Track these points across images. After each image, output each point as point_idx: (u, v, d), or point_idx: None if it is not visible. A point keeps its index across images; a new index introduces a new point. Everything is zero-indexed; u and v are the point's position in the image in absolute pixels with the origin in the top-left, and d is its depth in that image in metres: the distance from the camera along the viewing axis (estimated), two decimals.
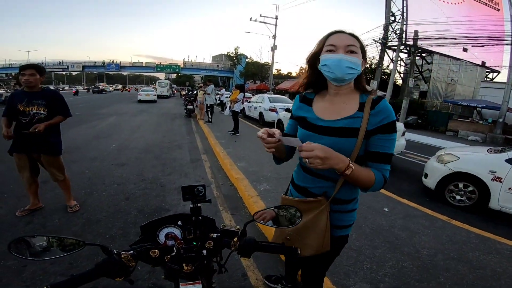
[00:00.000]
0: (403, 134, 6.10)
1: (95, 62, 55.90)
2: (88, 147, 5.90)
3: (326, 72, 1.11)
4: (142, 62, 56.38)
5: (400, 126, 6.14)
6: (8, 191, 3.44)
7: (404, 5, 16.15)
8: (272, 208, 0.98)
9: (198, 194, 0.95)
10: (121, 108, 16.13)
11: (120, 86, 72.66)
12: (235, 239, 0.86)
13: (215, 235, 0.90)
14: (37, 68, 2.74)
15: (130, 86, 70.57)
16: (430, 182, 4.30)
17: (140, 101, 22.00)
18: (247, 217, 3.21)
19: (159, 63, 54.89)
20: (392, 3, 15.96)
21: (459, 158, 4.07)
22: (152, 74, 70.56)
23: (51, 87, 5.81)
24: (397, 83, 22.43)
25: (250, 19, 22.94)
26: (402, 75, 21.37)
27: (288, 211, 0.97)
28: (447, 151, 4.46)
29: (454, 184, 4.05)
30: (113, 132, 7.80)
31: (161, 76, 76.09)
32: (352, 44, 1.09)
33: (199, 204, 0.95)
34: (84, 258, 2.15)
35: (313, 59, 1.19)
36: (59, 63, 56.44)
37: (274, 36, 23.31)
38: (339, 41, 1.09)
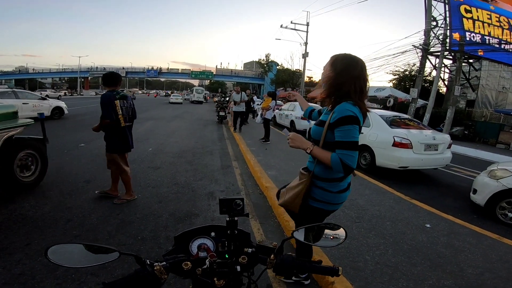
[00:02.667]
0: (449, 147, 5.65)
1: (134, 68, 59.08)
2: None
3: None
4: (178, 69, 59.19)
5: (445, 137, 5.70)
6: (56, 188, 3.72)
7: (447, 9, 15.15)
8: (310, 226, 0.89)
9: (236, 208, 0.91)
10: (158, 114, 16.94)
11: (148, 91, 76.88)
12: (272, 256, 0.81)
13: (249, 250, 0.86)
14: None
15: (156, 91, 73.99)
16: (480, 198, 3.93)
17: (171, 103, 29.03)
18: (276, 226, 3.14)
19: (193, 70, 57.06)
20: (432, 8, 15.05)
21: None
22: (187, 80, 73.79)
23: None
24: (440, 91, 20.98)
25: (281, 26, 22.82)
26: (446, 82, 19.97)
27: (328, 229, 0.88)
28: (500, 166, 4.05)
29: (507, 201, 3.67)
30: (150, 136, 8.21)
31: (195, 82, 79.20)
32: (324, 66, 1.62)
33: (236, 218, 0.91)
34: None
35: None
36: (104, 68, 60.85)
37: (306, 43, 23.05)
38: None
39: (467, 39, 15.24)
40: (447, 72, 19.03)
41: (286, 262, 0.80)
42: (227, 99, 18.70)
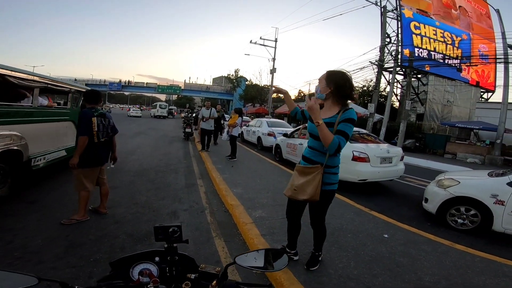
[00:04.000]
0: (401, 159, 6.06)
1: (97, 81, 54.85)
2: None
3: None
4: (144, 82, 56.56)
5: (398, 150, 6.11)
6: None
7: (399, 26, 16.72)
8: (254, 251, 0.89)
9: (173, 235, 0.88)
10: (119, 129, 16.09)
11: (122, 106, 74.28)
12: (214, 282, 0.80)
13: (193, 276, 0.85)
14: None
15: (128, 106, 71.44)
16: (431, 206, 4.21)
17: (130, 116, 32.41)
18: (241, 244, 3.07)
19: (160, 84, 55.20)
20: (387, 25, 16.53)
21: (459, 182, 4.02)
22: (154, 94, 71.33)
23: None
24: (394, 105, 22.73)
25: (251, 41, 23.34)
26: (399, 97, 21.72)
27: (272, 253, 0.88)
28: (447, 176, 4.40)
29: (455, 208, 3.98)
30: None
31: (162, 97, 77.12)
32: (320, 79, 2.18)
33: (175, 244, 0.89)
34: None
35: None
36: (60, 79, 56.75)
37: (274, 59, 23.74)
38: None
39: (416, 54, 16.91)
40: (399, 87, 20.79)
41: None
42: (194, 114, 18.44)
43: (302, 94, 46.09)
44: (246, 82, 44.38)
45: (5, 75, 3.53)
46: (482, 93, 22.23)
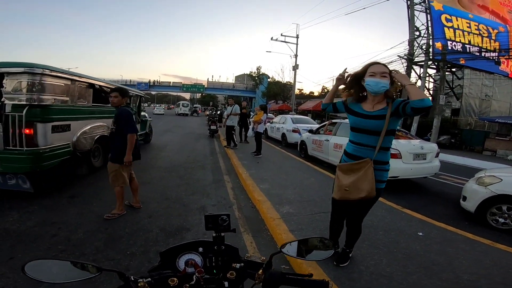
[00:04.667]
0: (436, 155, 5.75)
1: (127, 82, 57.36)
2: None
3: (369, 88, 2.01)
4: (169, 82, 57.69)
5: (432, 146, 5.80)
6: (38, 204, 3.61)
7: (429, 19, 15.79)
8: (299, 239, 0.88)
9: (222, 224, 0.90)
10: None
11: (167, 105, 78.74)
12: (260, 271, 0.80)
13: (238, 265, 0.85)
14: (120, 91, 3.26)
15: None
16: (470, 205, 3.97)
17: (155, 114, 32.93)
18: (269, 239, 3.09)
19: (184, 83, 56.43)
20: (415, 18, 15.68)
21: (502, 180, 3.75)
22: (179, 93, 73.21)
23: None
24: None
25: (271, 38, 23.15)
26: (431, 92, 20.57)
27: (316, 242, 0.88)
28: (487, 173, 4.12)
29: (497, 207, 3.72)
30: (140, 151, 8.04)
31: (187, 95, 78.86)
32: (384, 71, 1.96)
33: (222, 234, 0.90)
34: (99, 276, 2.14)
35: (357, 78, 2.08)
36: None
37: (296, 55, 23.43)
38: (376, 69, 1.97)
39: (449, 48, 15.85)
40: (431, 82, 19.66)
41: (275, 277, 0.79)
42: (218, 112, 18.75)
43: (325, 90, 45.09)
44: (268, 79, 44.21)
45: (99, 85, 5.47)
46: None
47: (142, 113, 8.69)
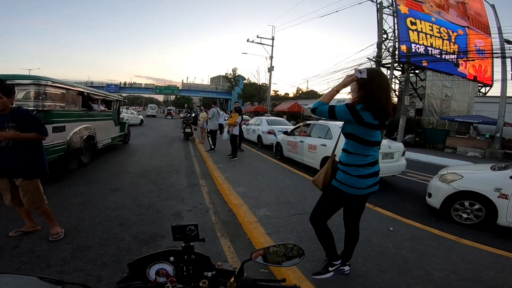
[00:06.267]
0: (403, 154, 6.05)
1: (91, 83, 53.18)
2: (83, 171, 5.78)
3: None
4: (141, 84, 55.47)
5: (399, 145, 6.10)
6: None
7: (396, 22, 16.69)
8: (267, 248, 0.92)
9: (190, 234, 0.88)
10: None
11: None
12: (232, 279, 0.79)
13: (210, 274, 0.85)
14: (3, 90, 2.48)
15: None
16: (435, 201, 4.21)
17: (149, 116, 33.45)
18: (247, 243, 3.06)
19: (158, 85, 54.48)
20: (383, 21, 16.50)
21: (462, 176, 4.01)
22: (152, 95, 70.70)
23: None
24: (393, 101, 22.71)
25: (247, 40, 23.17)
26: (397, 93, 21.72)
27: (287, 249, 0.91)
28: (449, 170, 4.40)
29: (459, 203, 3.97)
30: (110, 156, 7.71)
31: (160, 97, 76.40)
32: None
33: (191, 243, 0.89)
34: None
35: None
36: None
37: (271, 57, 23.64)
38: None
39: (413, 50, 16.87)
40: (397, 83, 20.77)
41: (247, 284, 0.78)
42: (193, 115, 18.40)
43: (300, 92, 46.06)
44: (244, 81, 44.28)
45: (87, 92, 6.43)
46: (480, 88, 22.22)
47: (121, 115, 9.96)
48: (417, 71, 19.21)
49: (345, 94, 34.83)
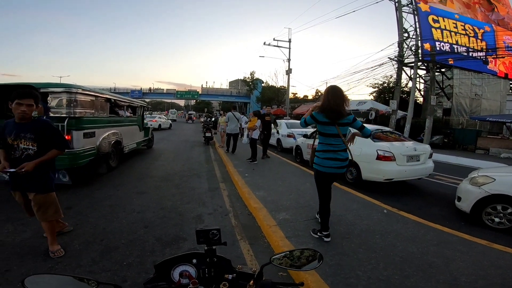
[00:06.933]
0: (430, 156, 5.81)
1: (115, 89, 54.46)
2: (111, 175, 6.09)
3: None
4: (163, 89, 57.34)
5: (426, 147, 5.87)
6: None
7: (417, 20, 16.05)
8: (286, 252, 0.93)
9: (213, 238, 0.92)
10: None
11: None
12: (251, 282, 0.82)
13: (230, 276, 0.88)
14: (35, 97, 2.39)
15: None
16: (464, 205, 4.01)
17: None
18: (266, 247, 3.08)
19: (179, 90, 56.02)
20: (404, 20, 15.94)
21: (495, 179, 3.79)
22: (173, 100, 72.75)
23: None
24: (418, 101, 21.82)
25: (264, 43, 23.30)
26: (422, 93, 20.83)
27: (305, 254, 0.92)
28: (481, 173, 4.17)
29: (491, 207, 3.75)
30: (135, 160, 8.06)
31: (181, 102, 78.27)
32: None
33: (214, 247, 0.93)
34: None
35: None
36: None
37: (288, 60, 23.57)
38: None
39: (437, 48, 16.06)
40: (422, 82, 19.92)
41: (266, 287, 0.80)
42: (213, 119, 18.72)
43: (319, 94, 45.43)
44: (262, 84, 44.39)
45: (114, 99, 6.74)
46: (511, 85, 20.82)
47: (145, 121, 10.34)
48: (443, 70, 18.33)
49: (367, 96, 33.92)
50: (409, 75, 17.41)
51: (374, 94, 28.44)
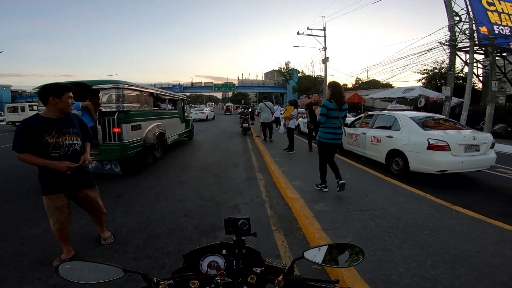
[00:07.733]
0: (492, 146, 5.15)
1: (155, 84, 56.55)
2: (156, 165, 6.50)
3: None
4: (201, 83, 59.17)
5: (487, 136, 5.20)
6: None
7: (468, 3, 14.19)
8: (321, 246, 0.83)
9: (242, 228, 0.88)
10: None
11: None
12: (280, 277, 0.77)
13: (259, 270, 0.83)
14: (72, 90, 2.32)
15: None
16: None
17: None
18: (301, 238, 3.01)
19: (216, 83, 57.34)
20: (453, 3, 14.21)
21: None
22: (211, 93, 74.82)
23: None
24: (476, 87, 19.45)
25: (298, 32, 22.48)
26: (481, 78, 18.50)
27: (343, 248, 0.82)
28: None
29: None
30: (177, 151, 8.48)
31: (219, 95, 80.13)
32: None
33: (243, 237, 0.89)
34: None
35: None
36: None
37: (324, 48, 22.55)
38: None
39: (496, 32, 14.14)
40: (480, 68, 17.69)
41: (296, 283, 0.75)
42: (250, 110, 18.87)
43: (360, 82, 42.98)
44: (298, 74, 43.30)
45: (156, 93, 7.05)
46: None
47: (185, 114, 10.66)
48: (504, 54, 16.02)
49: (415, 82, 31.04)
50: (465, 60, 15.54)
51: (423, 81, 26.00)
